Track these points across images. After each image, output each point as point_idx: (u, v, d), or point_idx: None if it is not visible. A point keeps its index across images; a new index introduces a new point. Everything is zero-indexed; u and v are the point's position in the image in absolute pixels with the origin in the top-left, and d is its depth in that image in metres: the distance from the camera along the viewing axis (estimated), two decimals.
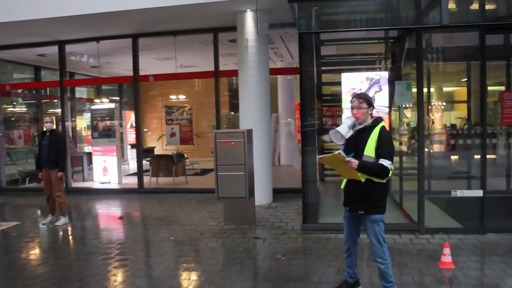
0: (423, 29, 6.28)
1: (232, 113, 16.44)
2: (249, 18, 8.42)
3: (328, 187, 10.15)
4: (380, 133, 3.92)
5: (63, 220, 7.85)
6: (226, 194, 7.07)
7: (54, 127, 8.01)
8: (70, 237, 7.23)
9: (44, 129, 8.02)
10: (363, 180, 3.93)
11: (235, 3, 7.98)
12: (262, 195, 8.36)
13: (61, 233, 7.39)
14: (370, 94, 6.39)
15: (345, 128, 3.95)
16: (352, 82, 6.53)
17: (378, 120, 4.04)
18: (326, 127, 10.14)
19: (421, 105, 6.42)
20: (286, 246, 6.05)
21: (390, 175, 3.93)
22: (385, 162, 3.83)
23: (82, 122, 15.85)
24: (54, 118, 8.13)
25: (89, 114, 15.18)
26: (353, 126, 4.05)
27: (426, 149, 8.12)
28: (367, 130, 3.99)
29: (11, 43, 10.96)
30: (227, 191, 7.04)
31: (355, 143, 4.03)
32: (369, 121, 4.03)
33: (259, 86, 8.50)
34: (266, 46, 8.82)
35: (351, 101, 4.10)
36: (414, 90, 6.59)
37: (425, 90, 7.92)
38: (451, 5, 5.36)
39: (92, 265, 5.60)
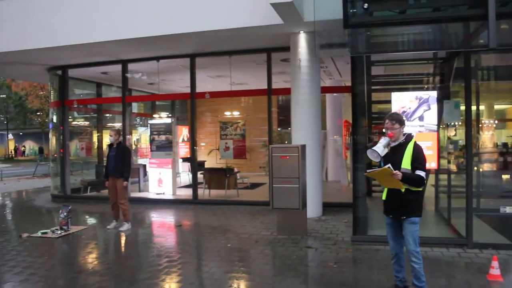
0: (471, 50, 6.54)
1: (279, 129, 16.89)
2: (302, 39, 8.86)
3: (375, 202, 10.32)
4: (414, 148, 4.47)
5: (126, 226, 8.48)
6: (280, 205, 7.50)
7: (120, 139, 8.66)
8: (134, 242, 7.81)
9: (110, 142, 8.74)
10: (403, 190, 4.43)
11: (289, 26, 8.43)
12: (312, 208, 8.68)
13: (125, 237, 8.00)
14: (419, 113, 6.68)
15: (380, 148, 4.51)
16: (402, 101, 6.82)
17: (410, 136, 4.58)
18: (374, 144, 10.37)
19: (470, 124, 6.63)
20: (337, 255, 6.38)
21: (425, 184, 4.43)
22: (421, 173, 4.38)
23: (134, 136, 16.66)
24: (117, 131, 8.71)
25: (141, 129, 16.07)
26: (387, 145, 4.58)
27: (475, 167, 8.25)
28: (401, 146, 4.53)
29: (80, 62, 11.92)
30: (281, 202, 7.47)
31: (390, 158, 4.53)
32: (402, 138, 4.56)
33: (311, 104, 8.89)
34: (318, 66, 9.23)
35: (385, 123, 4.61)
36: (463, 108, 6.81)
37: (474, 108, 8.09)
38: (499, 28, 5.58)
39: (157, 266, 6.11)
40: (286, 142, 14.42)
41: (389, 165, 4.35)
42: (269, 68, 10.35)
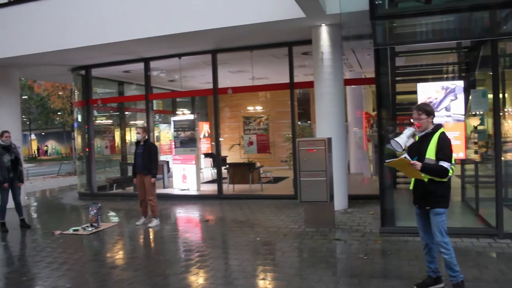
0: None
1: (299, 122, 16.83)
2: (324, 32, 8.84)
3: (401, 194, 10.30)
4: (440, 138, 4.44)
5: (155, 222, 8.60)
6: (308, 198, 7.54)
7: (147, 137, 8.76)
8: (164, 237, 7.91)
9: (137, 140, 8.85)
10: (426, 180, 4.45)
11: (311, 19, 8.42)
12: (338, 201, 8.67)
13: (155, 233, 8.12)
14: (446, 103, 6.64)
15: (403, 139, 4.55)
16: (428, 92, 6.78)
17: (438, 127, 4.55)
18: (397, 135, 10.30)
19: (498, 113, 6.56)
20: (367, 247, 6.41)
21: (451, 174, 4.43)
22: (444, 164, 4.35)
23: (155, 133, 16.75)
24: (144, 129, 8.82)
25: (162, 126, 16.21)
26: (413, 135, 4.62)
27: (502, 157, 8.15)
28: (428, 136, 4.52)
29: (103, 61, 12.09)
30: (309, 195, 7.51)
31: (417, 148, 4.58)
32: (430, 127, 4.55)
33: (334, 97, 8.89)
34: (340, 58, 9.19)
35: (413, 113, 4.61)
36: (489, 96, 6.75)
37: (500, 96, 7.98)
38: None
39: (189, 260, 6.22)
40: (305, 135, 14.41)
41: (405, 154, 4.42)
42: (291, 62, 10.35)
